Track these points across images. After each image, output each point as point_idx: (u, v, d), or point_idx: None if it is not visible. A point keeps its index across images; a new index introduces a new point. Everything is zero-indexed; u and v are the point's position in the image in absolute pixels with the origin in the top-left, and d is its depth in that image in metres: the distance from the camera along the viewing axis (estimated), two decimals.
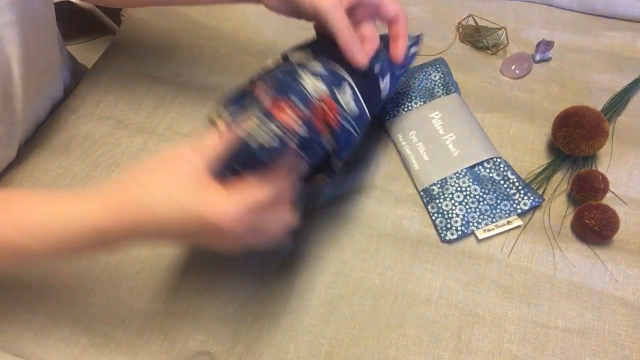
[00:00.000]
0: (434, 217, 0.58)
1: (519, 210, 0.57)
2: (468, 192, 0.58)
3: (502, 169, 0.59)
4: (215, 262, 0.56)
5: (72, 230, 0.38)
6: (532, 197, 0.58)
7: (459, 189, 0.58)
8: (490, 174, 0.59)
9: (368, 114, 0.50)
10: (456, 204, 0.58)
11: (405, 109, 0.65)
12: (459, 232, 0.57)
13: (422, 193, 0.60)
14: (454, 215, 0.57)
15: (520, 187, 0.58)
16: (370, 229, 0.58)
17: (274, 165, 0.39)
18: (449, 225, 0.57)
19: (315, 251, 0.57)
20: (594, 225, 0.55)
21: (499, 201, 0.58)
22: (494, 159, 0.60)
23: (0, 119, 0.56)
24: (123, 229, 0.38)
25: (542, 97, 0.68)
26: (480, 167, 0.59)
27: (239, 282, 0.56)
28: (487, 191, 0.58)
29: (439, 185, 0.59)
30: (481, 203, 0.58)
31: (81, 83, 0.72)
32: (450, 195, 0.58)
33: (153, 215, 0.37)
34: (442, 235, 0.57)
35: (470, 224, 0.57)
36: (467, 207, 0.58)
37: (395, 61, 0.52)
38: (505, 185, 0.59)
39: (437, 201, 0.58)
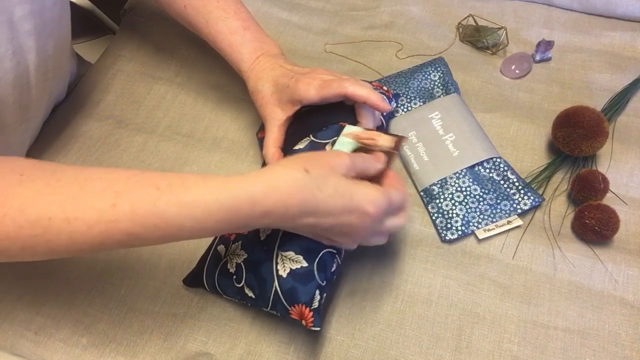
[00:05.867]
0: (434, 217, 0.58)
1: (519, 210, 0.57)
2: (468, 192, 0.58)
3: (502, 169, 0.59)
4: None
5: (227, 197, 0.38)
6: (532, 197, 0.58)
7: (459, 189, 0.58)
8: (490, 174, 0.59)
9: None
10: (456, 204, 0.58)
11: (405, 110, 0.65)
12: (459, 232, 0.57)
13: (422, 193, 0.60)
14: (454, 215, 0.57)
15: (520, 187, 0.58)
16: None
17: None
18: (449, 225, 0.57)
19: None
20: (594, 225, 0.55)
21: (499, 201, 0.58)
22: (494, 159, 0.60)
23: (15, 127, 0.56)
24: (277, 203, 0.39)
25: (542, 97, 0.68)
26: (480, 167, 0.59)
27: None
28: (487, 191, 0.58)
29: (439, 185, 0.59)
30: (481, 203, 0.58)
31: (81, 82, 0.72)
32: (450, 195, 0.58)
33: (312, 196, 0.40)
34: (443, 235, 0.57)
35: (471, 223, 0.57)
36: (467, 207, 0.58)
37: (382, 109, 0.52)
38: (505, 185, 0.59)
39: (437, 201, 0.58)
